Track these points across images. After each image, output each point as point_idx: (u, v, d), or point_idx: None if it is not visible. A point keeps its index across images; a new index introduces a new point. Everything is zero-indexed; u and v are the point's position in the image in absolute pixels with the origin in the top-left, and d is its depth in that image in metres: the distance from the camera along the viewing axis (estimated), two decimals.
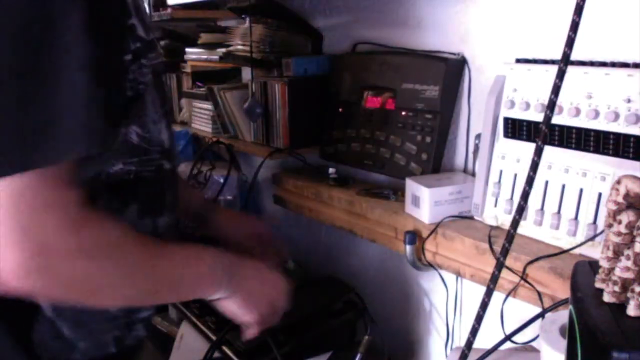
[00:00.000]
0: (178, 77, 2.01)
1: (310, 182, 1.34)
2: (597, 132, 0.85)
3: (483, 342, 0.78)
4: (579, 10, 0.58)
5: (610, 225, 0.54)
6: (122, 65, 0.66)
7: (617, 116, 0.82)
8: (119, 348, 0.77)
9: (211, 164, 1.57)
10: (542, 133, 0.62)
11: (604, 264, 0.54)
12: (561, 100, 0.87)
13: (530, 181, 0.63)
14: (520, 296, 0.90)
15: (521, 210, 0.64)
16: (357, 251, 1.45)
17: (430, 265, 1.07)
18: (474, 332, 0.68)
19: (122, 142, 0.69)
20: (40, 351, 0.70)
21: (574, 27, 0.59)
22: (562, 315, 0.63)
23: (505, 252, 0.66)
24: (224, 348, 1.15)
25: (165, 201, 0.79)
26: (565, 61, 0.60)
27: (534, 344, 0.86)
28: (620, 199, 0.54)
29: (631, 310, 0.50)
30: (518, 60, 0.99)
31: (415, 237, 1.05)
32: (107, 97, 0.63)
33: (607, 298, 0.53)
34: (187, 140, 1.83)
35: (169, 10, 1.72)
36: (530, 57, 0.98)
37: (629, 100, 0.81)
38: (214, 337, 1.16)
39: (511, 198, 0.96)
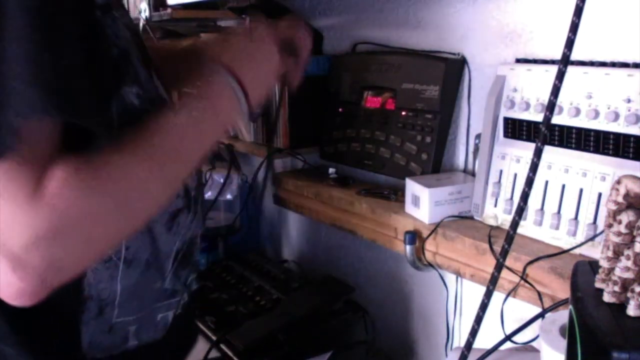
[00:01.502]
0: None
1: (310, 182, 1.34)
2: (597, 132, 0.85)
3: (483, 342, 0.78)
4: (578, 11, 0.58)
5: (610, 225, 0.54)
6: (95, 21, 0.61)
7: (617, 116, 0.82)
8: (172, 321, 0.76)
9: (211, 164, 1.57)
10: (541, 134, 0.62)
11: (604, 264, 0.54)
12: (561, 100, 0.87)
13: (529, 182, 0.63)
14: (520, 296, 0.90)
15: (521, 211, 0.64)
16: (357, 251, 1.45)
17: (430, 265, 1.07)
18: (473, 333, 0.68)
19: (123, 107, 0.63)
20: (92, 351, 0.69)
21: (574, 28, 0.59)
22: (562, 315, 0.63)
23: (504, 253, 0.66)
24: (224, 347, 1.15)
25: None
26: (565, 62, 0.60)
27: (534, 344, 0.86)
28: (620, 199, 0.54)
29: (631, 310, 0.50)
30: (518, 60, 0.99)
31: (415, 237, 1.05)
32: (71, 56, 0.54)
33: (607, 298, 0.53)
34: None
35: (169, 10, 1.71)
36: (530, 57, 0.98)
37: (629, 100, 0.81)
38: (214, 337, 1.17)
39: (511, 198, 0.96)
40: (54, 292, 0.56)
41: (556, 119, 0.88)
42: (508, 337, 0.81)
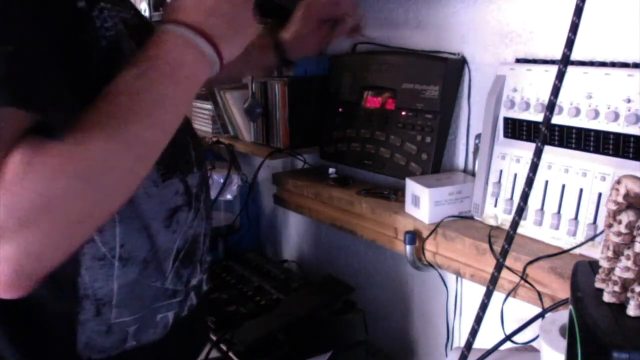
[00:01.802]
0: None
1: (310, 182, 1.34)
2: (597, 132, 0.85)
3: (483, 342, 0.78)
4: (578, 11, 0.58)
5: (610, 225, 0.54)
6: (75, 14, 0.60)
7: (617, 116, 0.82)
8: (175, 322, 0.75)
9: (211, 164, 1.57)
10: (541, 134, 0.62)
11: (604, 264, 0.54)
12: (561, 100, 0.87)
13: (529, 182, 0.63)
14: (520, 296, 0.90)
15: (521, 211, 0.64)
16: (357, 251, 1.45)
17: (430, 265, 1.07)
18: (473, 333, 0.68)
19: None
20: (88, 352, 0.68)
21: (574, 28, 0.59)
22: (562, 315, 0.63)
23: (504, 253, 0.66)
24: (224, 347, 1.15)
25: (191, 158, 0.75)
26: (565, 62, 0.60)
27: (534, 344, 0.86)
28: (620, 199, 0.54)
29: (631, 310, 0.50)
30: (518, 60, 0.99)
31: (415, 237, 1.05)
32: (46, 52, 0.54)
33: (607, 298, 0.53)
34: None
35: None
36: (530, 57, 0.98)
37: (629, 100, 0.81)
38: (214, 337, 1.17)
39: (511, 198, 0.96)
40: (47, 290, 0.56)
41: (556, 119, 0.88)
42: (508, 337, 0.81)
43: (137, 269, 0.70)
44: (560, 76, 0.61)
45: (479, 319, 0.68)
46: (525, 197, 0.64)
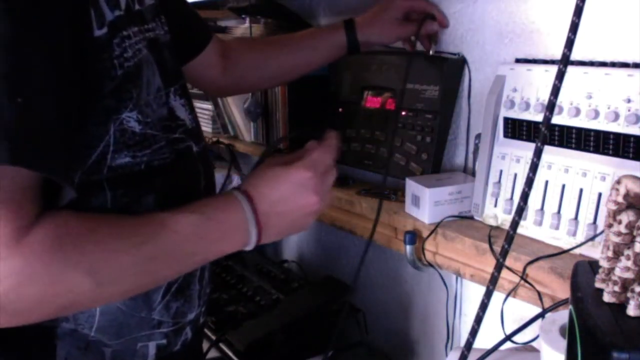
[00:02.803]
0: None
1: None
2: (597, 132, 0.85)
3: (483, 342, 0.78)
4: (578, 11, 0.58)
5: (610, 225, 0.54)
6: (90, 45, 0.59)
7: (617, 116, 0.82)
8: (160, 356, 0.73)
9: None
10: (541, 134, 0.62)
11: (604, 264, 0.54)
12: (561, 100, 0.87)
13: (529, 182, 0.63)
14: (520, 296, 0.90)
15: (520, 211, 0.64)
16: (357, 251, 1.45)
17: (430, 265, 1.07)
18: (473, 333, 0.68)
19: (122, 132, 0.63)
20: None
21: (574, 28, 0.59)
22: (562, 315, 0.63)
23: (504, 253, 0.66)
24: (224, 347, 1.15)
25: (200, 186, 0.75)
26: (565, 62, 0.60)
27: (534, 344, 0.86)
28: (620, 199, 0.54)
29: (631, 310, 0.50)
30: (518, 60, 0.99)
31: (415, 237, 1.05)
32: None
33: (607, 298, 0.53)
34: None
35: None
36: (530, 57, 0.98)
37: (629, 100, 0.81)
38: (213, 337, 1.17)
39: (511, 198, 0.96)
40: None
41: (556, 119, 0.88)
42: (508, 337, 0.81)
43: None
44: (560, 76, 0.61)
45: (479, 319, 0.68)
46: (525, 197, 0.64)
